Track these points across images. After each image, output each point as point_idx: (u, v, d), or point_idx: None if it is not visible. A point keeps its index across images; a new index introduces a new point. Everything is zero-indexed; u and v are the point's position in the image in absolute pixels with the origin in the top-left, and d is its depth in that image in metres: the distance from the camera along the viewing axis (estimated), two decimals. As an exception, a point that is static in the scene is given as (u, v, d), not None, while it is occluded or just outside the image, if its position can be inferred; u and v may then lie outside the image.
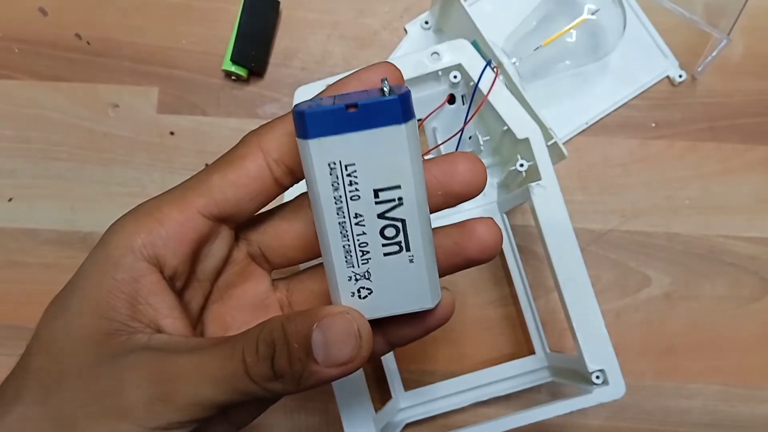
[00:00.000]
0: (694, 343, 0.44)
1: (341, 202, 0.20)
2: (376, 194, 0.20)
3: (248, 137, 0.23)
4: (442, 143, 0.39)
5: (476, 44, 0.37)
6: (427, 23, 0.46)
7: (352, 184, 0.20)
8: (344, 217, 0.21)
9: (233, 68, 0.44)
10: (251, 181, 0.23)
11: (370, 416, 0.33)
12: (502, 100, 0.34)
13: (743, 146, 0.45)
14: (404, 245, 0.21)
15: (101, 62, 0.46)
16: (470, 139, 0.40)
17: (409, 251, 0.21)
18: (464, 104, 0.37)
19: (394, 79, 0.22)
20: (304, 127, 0.20)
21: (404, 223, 0.21)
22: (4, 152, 0.45)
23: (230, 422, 0.25)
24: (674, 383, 0.44)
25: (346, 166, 0.20)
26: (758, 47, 0.46)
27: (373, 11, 0.47)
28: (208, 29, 0.46)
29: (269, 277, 0.26)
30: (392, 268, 0.21)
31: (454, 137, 0.37)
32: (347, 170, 0.20)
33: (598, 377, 0.33)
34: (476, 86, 0.34)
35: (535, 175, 0.34)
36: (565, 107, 0.45)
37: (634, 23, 0.46)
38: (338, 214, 0.21)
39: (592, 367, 0.33)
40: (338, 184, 0.20)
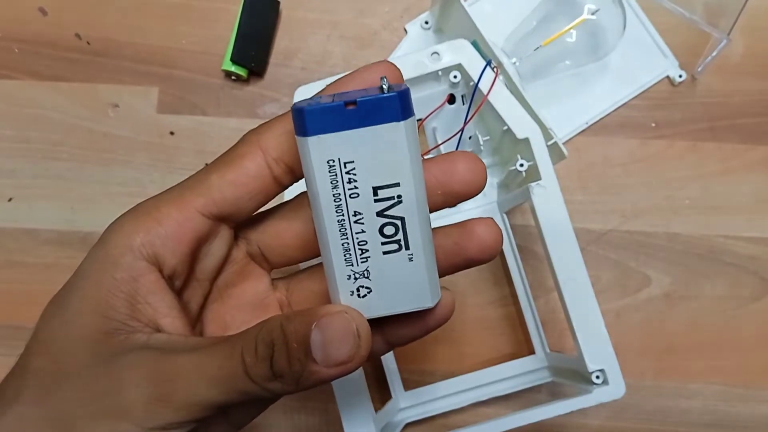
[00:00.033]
0: (694, 343, 0.44)
1: (340, 199, 0.20)
2: (375, 192, 0.20)
3: (247, 136, 0.23)
4: (442, 143, 0.39)
5: (476, 44, 0.37)
6: (427, 23, 0.46)
7: (351, 181, 0.20)
8: (343, 215, 0.20)
9: (233, 68, 0.44)
10: (250, 180, 0.23)
11: (370, 416, 0.33)
12: (502, 100, 0.34)
13: (743, 146, 0.45)
14: (403, 243, 0.21)
15: (101, 62, 0.46)
16: (470, 139, 0.40)
17: (408, 249, 0.21)
18: (464, 104, 0.37)
19: (393, 77, 0.22)
20: (303, 124, 0.20)
21: (403, 221, 0.21)
22: (4, 152, 0.45)
23: (229, 422, 0.25)
24: (674, 383, 0.44)
25: (345, 163, 0.20)
26: (758, 47, 0.46)
27: (373, 11, 0.47)
28: (208, 29, 0.46)
29: (269, 276, 0.26)
30: (391, 266, 0.21)
31: (454, 137, 0.37)
32: (346, 168, 0.20)
33: (598, 377, 0.33)
34: (476, 86, 0.34)
35: (535, 175, 0.34)
36: (565, 107, 0.45)
37: (634, 23, 0.46)
38: (337, 212, 0.20)
39: (592, 367, 0.33)
40: (337, 181, 0.20)
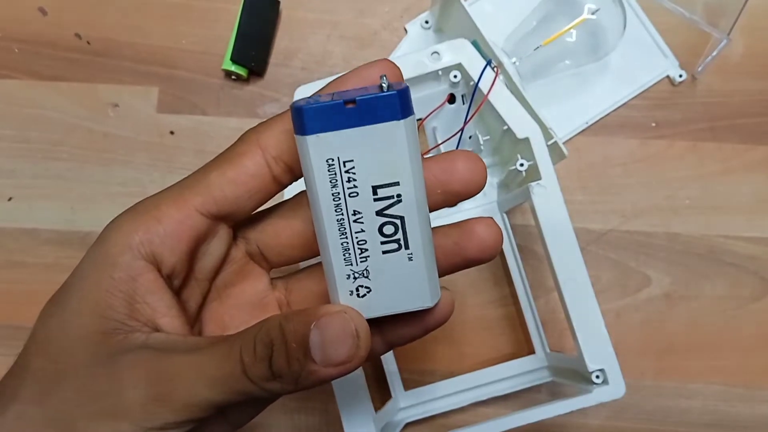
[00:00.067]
0: (694, 343, 0.44)
1: (339, 198, 0.20)
2: (374, 191, 0.20)
3: (247, 135, 0.23)
4: (442, 143, 0.39)
5: (476, 44, 0.37)
6: (427, 23, 0.46)
7: (350, 180, 0.20)
8: (343, 214, 0.20)
9: (233, 68, 0.44)
10: (250, 178, 0.22)
11: (370, 416, 0.33)
12: (502, 99, 0.34)
13: (743, 146, 0.45)
14: (403, 243, 0.21)
15: (101, 62, 0.46)
16: (470, 138, 0.40)
17: (408, 249, 0.21)
18: (464, 104, 0.37)
19: (393, 76, 0.22)
20: (302, 122, 0.20)
21: (403, 220, 0.21)
22: (4, 152, 0.45)
23: (228, 422, 0.24)
24: (674, 383, 0.43)
25: (344, 162, 0.20)
26: (758, 47, 0.46)
27: (373, 11, 0.47)
28: (208, 29, 0.46)
29: (268, 276, 0.26)
30: (391, 266, 0.21)
31: (454, 137, 0.37)
32: (345, 167, 0.20)
33: (598, 377, 0.33)
34: (476, 86, 0.34)
35: (535, 174, 0.34)
36: (565, 107, 0.45)
37: (634, 23, 0.46)
38: (336, 211, 0.20)
39: (592, 366, 0.33)
40: (336, 180, 0.20)
